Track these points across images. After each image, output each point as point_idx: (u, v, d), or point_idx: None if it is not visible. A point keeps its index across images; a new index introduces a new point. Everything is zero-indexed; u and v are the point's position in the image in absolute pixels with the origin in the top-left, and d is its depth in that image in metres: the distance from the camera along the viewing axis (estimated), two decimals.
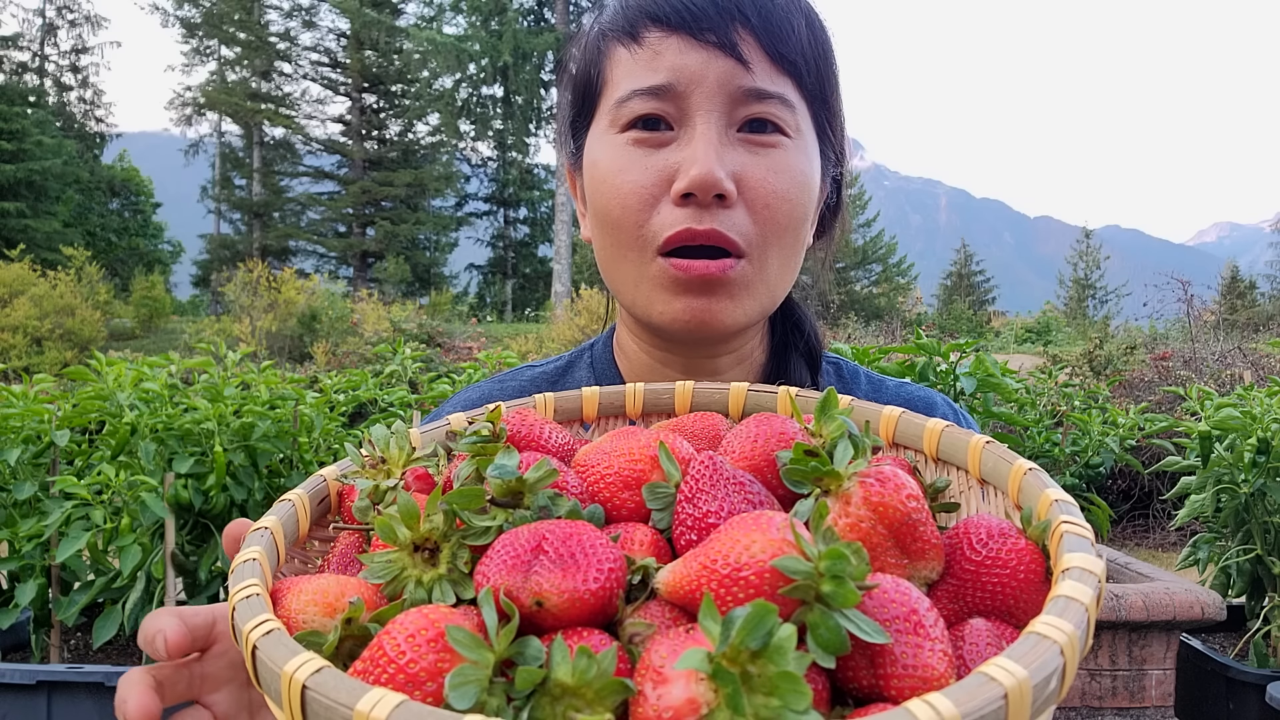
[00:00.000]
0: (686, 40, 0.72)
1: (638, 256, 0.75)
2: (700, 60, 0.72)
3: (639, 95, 0.73)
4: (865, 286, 34.81)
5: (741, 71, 0.72)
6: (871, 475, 0.43)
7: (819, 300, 0.90)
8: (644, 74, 0.73)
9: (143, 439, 2.81)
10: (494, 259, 39.13)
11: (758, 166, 0.73)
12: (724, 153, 0.72)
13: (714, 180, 0.70)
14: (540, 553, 0.41)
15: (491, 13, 30.07)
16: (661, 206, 0.73)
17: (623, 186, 0.74)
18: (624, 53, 0.75)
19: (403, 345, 5.91)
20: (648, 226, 0.73)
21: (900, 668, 0.36)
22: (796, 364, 0.86)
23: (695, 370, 0.84)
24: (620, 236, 0.75)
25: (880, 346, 3.54)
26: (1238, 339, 11.07)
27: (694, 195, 0.71)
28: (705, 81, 0.72)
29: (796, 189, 0.74)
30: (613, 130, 0.76)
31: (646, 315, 0.77)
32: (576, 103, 0.82)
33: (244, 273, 16.61)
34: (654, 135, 0.74)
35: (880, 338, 13.77)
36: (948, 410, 0.89)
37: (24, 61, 34.67)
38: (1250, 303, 24.38)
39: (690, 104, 0.72)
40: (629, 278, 0.76)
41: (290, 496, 0.54)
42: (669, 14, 0.72)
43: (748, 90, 0.72)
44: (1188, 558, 3.32)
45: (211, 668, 0.53)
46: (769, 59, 0.73)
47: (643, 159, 0.74)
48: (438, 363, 10.22)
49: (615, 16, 0.77)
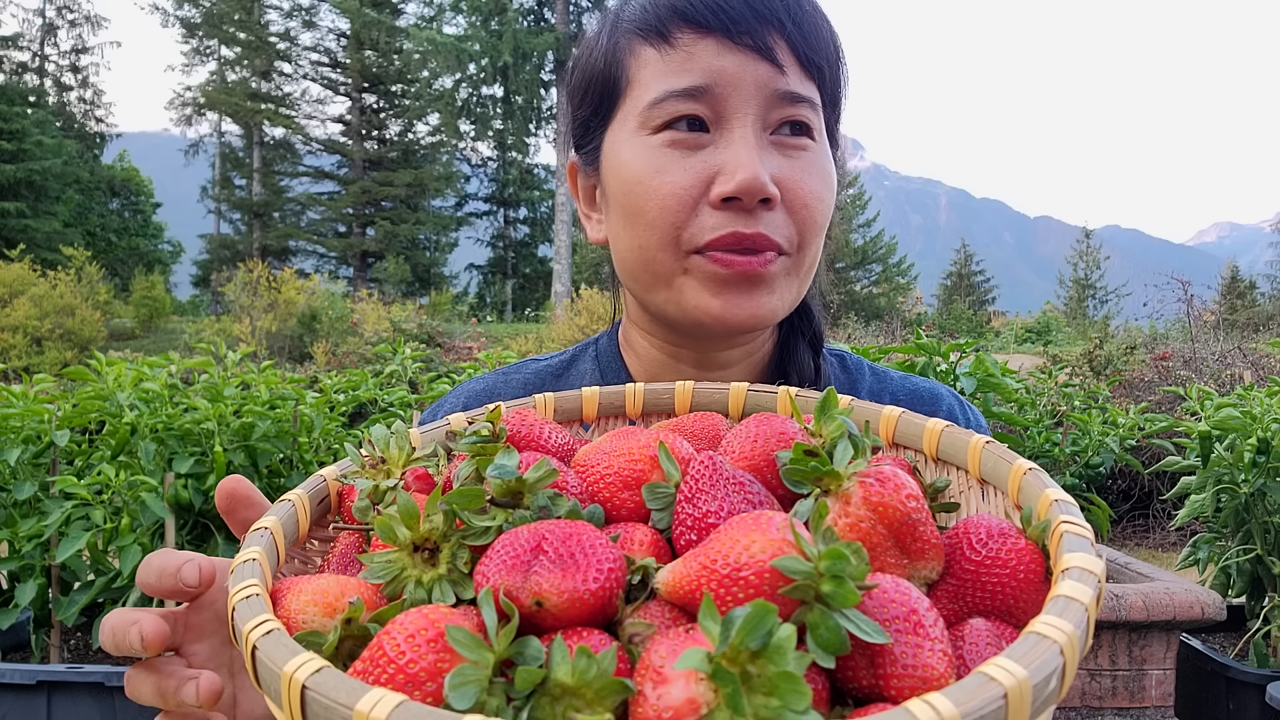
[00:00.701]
0: (723, 43, 0.72)
1: (671, 255, 0.75)
2: (737, 63, 0.72)
3: (675, 97, 0.73)
4: (865, 286, 34.82)
5: (777, 75, 0.72)
6: (871, 475, 0.44)
7: (819, 300, 0.90)
8: (678, 75, 0.73)
9: (143, 439, 2.81)
10: (494, 259, 39.13)
11: (793, 169, 0.74)
12: (764, 156, 0.72)
13: (760, 185, 0.70)
14: (540, 553, 0.41)
15: (491, 13, 30.06)
16: (701, 209, 0.73)
17: (661, 187, 0.73)
18: (652, 53, 0.74)
19: (403, 345, 5.91)
20: (687, 229, 0.73)
21: (900, 668, 0.36)
22: (803, 351, 0.87)
23: (707, 364, 0.84)
24: (656, 237, 0.74)
25: (880, 346, 3.54)
26: (1238, 339, 11.07)
27: (737, 199, 0.71)
28: (743, 84, 0.72)
29: (827, 190, 0.76)
30: (644, 132, 0.75)
31: (681, 312, 0.76)
32: (593, 102, 0.81)
33: (244, 273, 16.61)
34: (692, 136, 0.73)
35: (880, 338, 13.77)
36: (954, 403, 0.89)
37: (24, 61, 34.68)
38: (1250, 303, 24.39)
39: (727, 107, 0.72)
40: (660, 276, 0.76)
41: (290, 496, 0.54)
42: (704, 15, 0.72)
43: (783, 94, 0.73)
44: (1188, 558, 3.32)
45: (196, 618, 0.53)
46: (799, 63, 0.74)
47: (680, 160, 0.73)
48: (438, 363, 10.23)
49: (642, 15, 0.76)
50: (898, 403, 0.88)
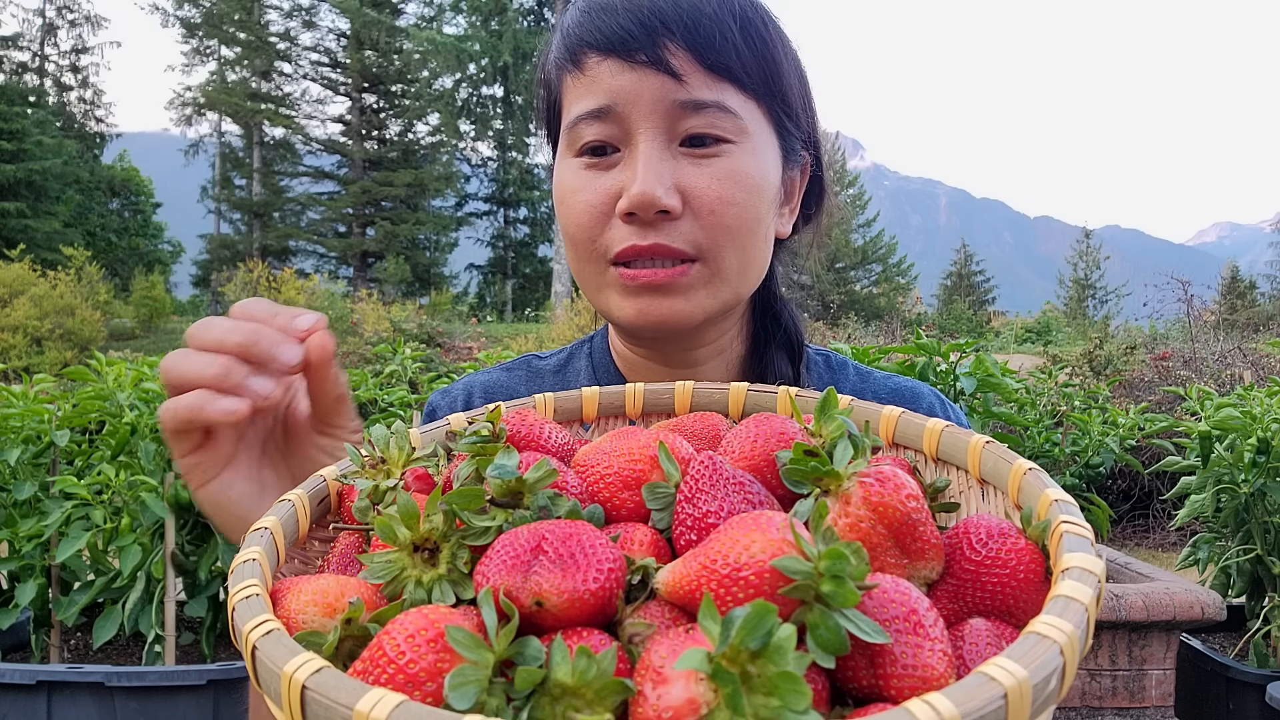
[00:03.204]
0: (618, 63, 0.75)
1: (595, 267, 0.80)
2: (634, 80, 0.75)
3: (583, 120, 0.77)
4: (865, 287, 34.80)
5: (675, 85, 0.74)
6: (871, 475, 0.43)
7: (819, 299, 0.91)
8: (585, 99, 0.77)
9: (143, 439, 2.80)
10: (494, 259, 39.13)
11: (701, 176, 0.76)
12: (665, 168, 0.75)
13: (651, 199, 0.74)
14: (540, 553, 0.41)
15: (491, 13, 30.08)
16: (613, 223, 0.78)
17: (576, 206, 0.79)
18: (570, 80, 0.79)
19: (403, 345, 5.91)
20: (600, 242, 0.78)
21: (900, 668, 0.36)
22: (776, 356, 0.89)
23: (674, 363, 0.88)
24: (579, 250, 0.81)
25: (880, 346, 3.54)
26: (1238, 339, 11.06)
27: (636, 214, 0.75)
28: (641, 100, 0.75)
29: (744, 191, 0.76)
30: (569, 153, 0.80)
31: (609, 317, 0.83)
32: (546, 125, 0.88)
33: (244, 273, 16.62)
34: (601, 159, 0.78)
35: (880, 338, 13.77)
36: (934, 400, 0.91)
37: (24, 61, 34.71)
38: (1250, 303, 24.38)
39: (631, 123, 0.76)
40: (591, 285, 0.82)
41: (290, 496, 0.54)
42: (599, 39, 0.76)
43: (684, 102, 0.75)
44: (1188, 558, 3.32)
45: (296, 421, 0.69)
46: (702, 69, 0.75)
47: (592, 180, 0.78)
48: (438, 363, 10.22)
49: (560, 46, 0.81)
50: (880, 401, 0.89)
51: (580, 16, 0.79)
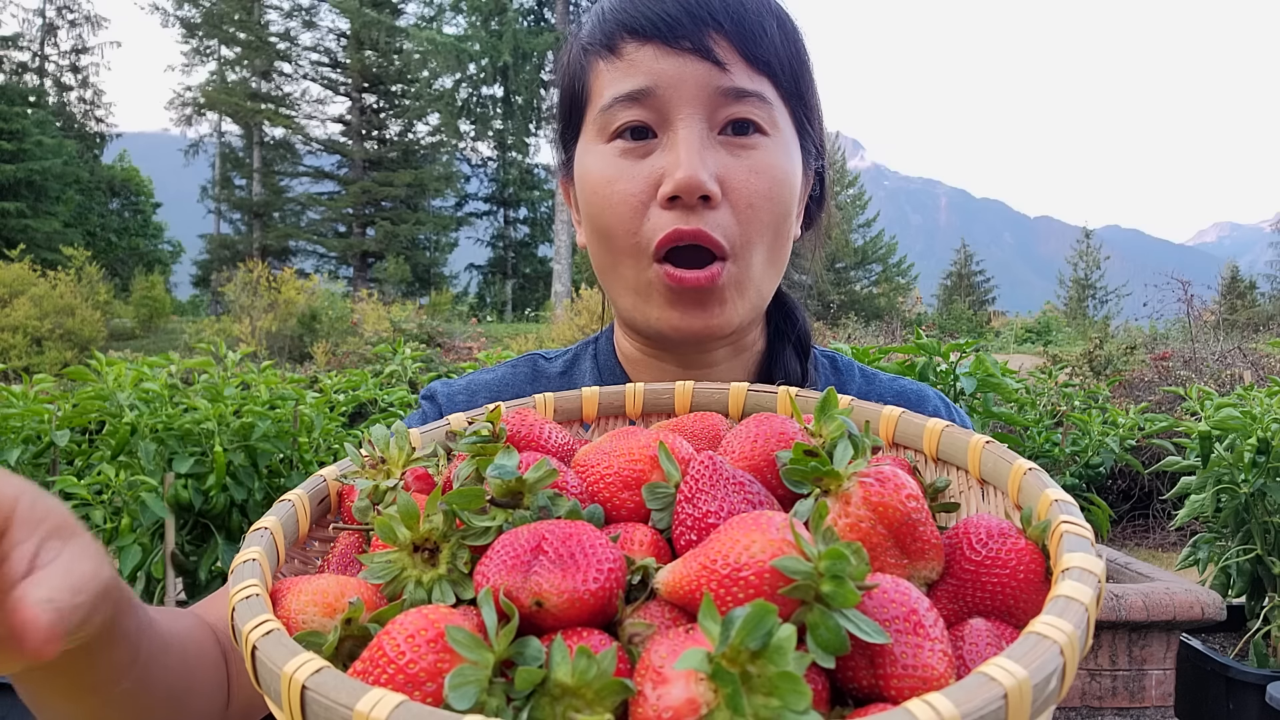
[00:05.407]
0: (661, 48, 0.75)
1: (634, 263, 0.77)
2: (676, 65, 0.74)
3: (620, 101, 0.76)
4: (865, 287, 34.81)
5: (719, 73, 0.74)
6: (871, 475, 0.43)
7: (818, 299, 0.91)
8: (623, 82, 0.76)
9: (143, 439, 2.80)
10: (494, 259, 39.12)
11: (739, 168, 0.75)
12: (707, 155, 0.74)
13: (698, 182, 0.72)
14: (540, 553, 0.41)
15: (491, 13, 30.07)
16: (651, 211, 0.75)
17: (613, 196, 0.76)
18: (603, 65, 0.78)
19: (403, 345, 5.91)
20: (640, 233, 0.76)
21: (900, 668, 0.36)
22: (788, 354, 0.89)
23: (692, 363, 0.86)
24: (615, 244, 0.77)
25: (880, 346, 3.54)
26: (1238, 339, 11.06)
27: (680, 198, 0.73)
28: (684, 85, 0.74)
29: (778, 187, 0.76)
30: (600, 140, 0.78)
31: (645, 321, 0.79)
32: (564, 116, 0.85)
33: (244, 273, 16.61)
34: (640, 144, 0.76)
35: (880, 338, 13.77)
36: (939, 404, 0.91)
37: (24, 61, 34.66)
38: (1250, 303, 24.38)
39: (671, 108, 0.75)
40: (627, 285, 0.79)
41: (290, 496, 0.54)
42: (643, 25, 0.75)
43: (726, 90, 0.74)
44: (1188, 558, 3.32)
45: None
46: (744, 60, 0.75)
47: (630, 167, 0.76)
48: (438, 363, 10.21)
49: (593, 31, 0.80)
50: (885, 404, 0.89)
51: (622, 1, 0.78)
